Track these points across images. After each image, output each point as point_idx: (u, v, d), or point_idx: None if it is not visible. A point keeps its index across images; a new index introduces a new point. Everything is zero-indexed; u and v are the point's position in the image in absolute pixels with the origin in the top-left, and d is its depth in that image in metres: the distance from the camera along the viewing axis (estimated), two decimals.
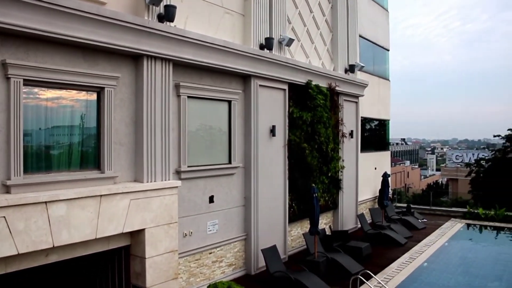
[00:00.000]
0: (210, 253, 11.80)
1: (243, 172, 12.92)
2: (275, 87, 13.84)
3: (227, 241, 12.35)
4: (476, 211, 22.40)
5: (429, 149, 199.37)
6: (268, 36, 13.44)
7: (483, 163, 38.79)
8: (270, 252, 12.34)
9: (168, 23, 9.89)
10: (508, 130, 36.90)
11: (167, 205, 9.73)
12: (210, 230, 11.76)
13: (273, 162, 13.80)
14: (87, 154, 8.94)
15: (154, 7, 9.67)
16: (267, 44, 13.21)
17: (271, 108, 13.71)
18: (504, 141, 37.21)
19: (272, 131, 13.58)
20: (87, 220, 8.12)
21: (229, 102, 12.38)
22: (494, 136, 40.10)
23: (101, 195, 8.36)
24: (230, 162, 12.40)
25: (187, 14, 11.01)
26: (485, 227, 21.09)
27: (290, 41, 14.19)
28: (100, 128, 9.01)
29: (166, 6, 9.78)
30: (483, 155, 48.93)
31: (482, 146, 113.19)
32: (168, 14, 9.77)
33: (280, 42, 14.06)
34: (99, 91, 8.95)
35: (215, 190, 11.92)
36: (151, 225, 9.33)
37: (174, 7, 9.84)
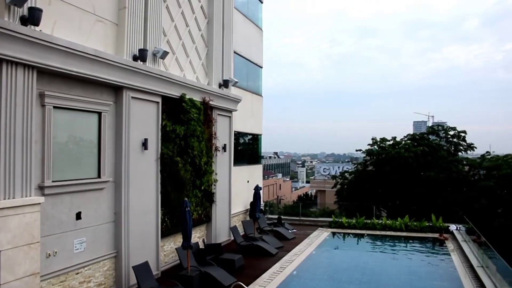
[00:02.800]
0: (77, 273, 11.11)
1: (114, 187, 12.43)
2: (148, 100, 13.59)
3: (96, 260, 11.74)
4: (340, 220, 23.99)
5: (299, 162, 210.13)
6: (142, 47, 13.19)
7: (347, 175, 41.79)
8: (142, 269, 11.99)
9: (32, 27, 9.23)
10: (368, 145, 40.27)
11: (28, 223, 8.99)
12: (77, 249, 11.09)
13: (145, 176, 13.49)
14: None
15: (16, 8, 8.96)
16: (141, 55, 12.96)
17: (144, 121, 13.42)
18: (364, 155, 40.48)
19: (145, 145, 13.28)
20: None
21: (100, 113, 11.87)
22: (356, 150, 43.49)
23: None
24: (99, 176, 11.86)
25: (55, 19, 10.38)
26: (348, 234, 22.71)
27: (165, 53, 14.07)
28: None
29: (30, 8, 9.13)
30: (347, 168, 52.64)
31: (347, 160, 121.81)
32: (32, 17, 9.12)
33: (154, 54, 13.87)
34: None
35: (83, 206, 11.29)
36: (7, 246, 8.53)
37: (40, 10, 9.23)
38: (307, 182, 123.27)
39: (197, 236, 17.17)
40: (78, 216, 11.10)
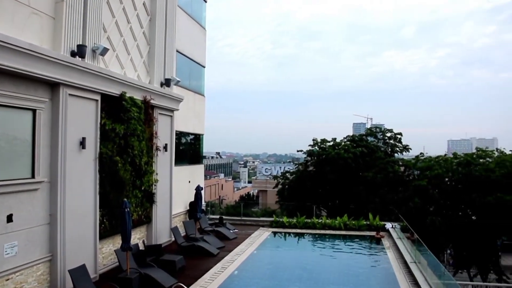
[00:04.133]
0: (8, 279, 10.55)
1: (49, 187, 11.91)
2: (87, 97, 13.14)
3: (29, 264, 11.19)
4: (281, 220, 24.29)
5: (242, 162, 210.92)
6: (81, 43, 12.75)
7: (288, 176, 42.35)
8: (79, 272, 11.58)
9: None
10: (309, 146, 41.00)
11: None
12: (8, 253, 10.53)
13: (82, 176, 13.03)
14: None
15: None
16: (80, 51, 12.52)
17: (82, 119, 12.97)
18: (305, 156, 41.19)
19: (82, 144, 12.84)
20: None
21: (34, 111, 11.35)
22: (298, 151, 44.15)
23: None
24: (33, 177, 11.33)
25: None
26: (289, 234, 23.03)
27: (105, 50, 13.67)
28: None
29: None
30: (288, 168, 53.33)
31: (288, 160, 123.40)
32: None
33: (94, 51, 13.44)
34: None
35: (15, 207, 10.73)
36: None
37: None
38: (249, 182, 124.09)
39: (137, 237, 16.82)
40: (9, 218, 10.54)
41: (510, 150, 39.38)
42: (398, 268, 15.98)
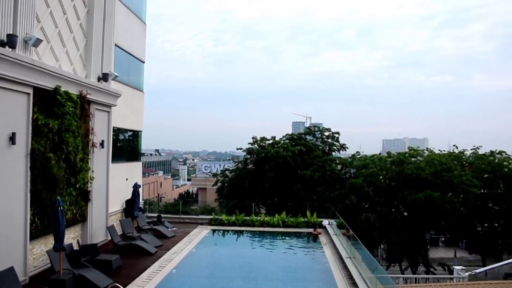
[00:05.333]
0: None
1: None
2: (17, 90, 12.46)
3: None
4: (220, 218, 24.29)
5: (181, 160, 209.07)
6: (11, 32, 12.08)
7: (228, 174, 42.45)
8: (6, 276, 10.97)
9: None
10: (249, 144, 41.27)
11: None
12: None
13: (12, 173, 12.37)
14: None
15: None
16: (9, 41, 11.85)
17: (12, 113, 12.29)
18: (245, 154, 41.43)
19: (12, 139, 12.17)
20: None
21: None
22: (237, 149, 44.34)
23: None
24: None
25: None
26: (228, 231, 23.07)
27: (38, 41, 13.05)
28: None
29: None
30: (228, 166, 53.45)
31: (228, 158, 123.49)
32: None
33: (26, 41, 12.78)
34: None
35: None
36: None
37: None
38: (189, 180, 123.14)
39: (71, 237, 16.21)
40: None
41: (439, 150, 41.62)
42: (334, 263, 16.41)
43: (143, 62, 25.28)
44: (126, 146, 23.93)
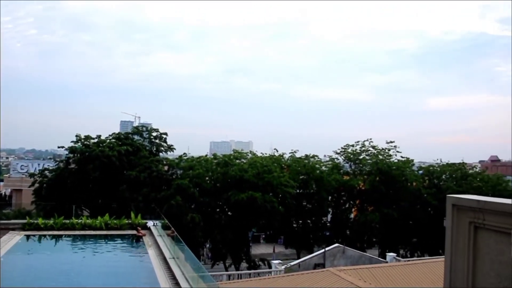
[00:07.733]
0: None
1: None
2: None
3: None
4: (36, 222, 22.45)
5: None
6: None
7: (47, 174, 39.43)
8: None
9: None
10: (72, 142, 38.89)
11: None
12: None
13: None
14: None
15: None
16: None
17: None
18: (67, 153, 38.99)
19: None
20: None
21: None
22: (59, 147, 41.45)
23: None
24: None
25: None
26: (45, 236, 21.45)
27: None
28: None
29: None
30: (48, 166, 49.63)
31: (49, 157, 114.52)
32: None
33: None
34: None
35: None
36: None
37: None
38: (1, 180, 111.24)
39: None
40: None
41: (261, 153, 44.49)
42: (158, 264, 16.40)
43: None
44: None
